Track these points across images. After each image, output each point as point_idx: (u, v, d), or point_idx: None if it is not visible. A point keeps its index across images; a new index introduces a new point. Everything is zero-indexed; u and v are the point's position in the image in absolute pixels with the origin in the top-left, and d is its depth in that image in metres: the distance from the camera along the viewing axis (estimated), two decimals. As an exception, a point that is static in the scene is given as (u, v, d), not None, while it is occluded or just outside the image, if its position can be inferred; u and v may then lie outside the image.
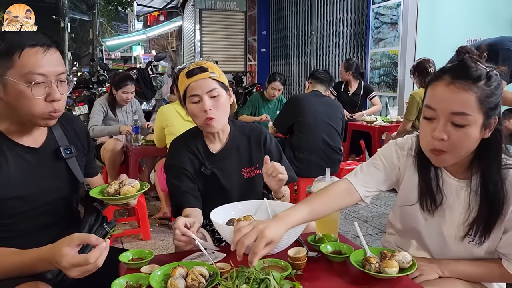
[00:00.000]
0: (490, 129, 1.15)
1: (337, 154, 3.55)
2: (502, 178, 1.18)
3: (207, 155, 1.65)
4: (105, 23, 24.85)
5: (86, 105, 6.24)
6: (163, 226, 3.46)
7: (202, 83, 1.56)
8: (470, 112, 1.09)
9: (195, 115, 1.59)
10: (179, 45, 15.14)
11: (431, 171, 1.27)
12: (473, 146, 1.15)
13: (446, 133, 1.11)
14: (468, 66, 1.11)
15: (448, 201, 1.27)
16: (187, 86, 1.57)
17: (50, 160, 1.33)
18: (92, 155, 1.54)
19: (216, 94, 1.57)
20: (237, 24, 11.19)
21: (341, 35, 7.52)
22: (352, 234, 3.10)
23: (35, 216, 1.29)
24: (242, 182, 1.68)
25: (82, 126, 1.49)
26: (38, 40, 1.18)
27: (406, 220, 1.39)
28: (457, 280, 1.29)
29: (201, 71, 1.56)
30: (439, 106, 1.12)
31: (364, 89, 5.28)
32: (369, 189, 1.35)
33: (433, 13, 5.63)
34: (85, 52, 27.62)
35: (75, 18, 25.08)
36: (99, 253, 1.01)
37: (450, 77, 1.11)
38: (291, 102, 3.64)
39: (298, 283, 1.09)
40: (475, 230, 1.23)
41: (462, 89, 1.09)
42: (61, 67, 1.23)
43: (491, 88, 1.10)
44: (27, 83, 1.16)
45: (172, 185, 1.63)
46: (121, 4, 20.60)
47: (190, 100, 1.58)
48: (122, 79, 4.02)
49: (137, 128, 3.67)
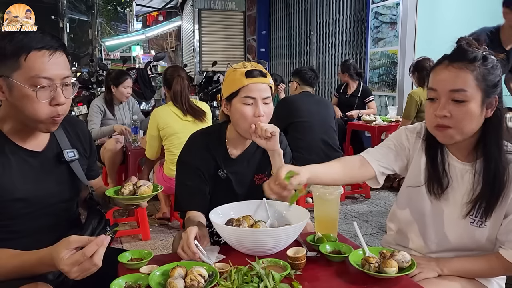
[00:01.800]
0: (491, 108, 1.22)
1: (336, 152, 3.54)
2: (506, 162, 1.24)
3: (225, 159, 1.62)
4: (104, 23, 24.81)
5: (85, 105, 6.23)
6: (162, 226, 3.46)
7: (261, 87, 1.52)
8: (468, 89, 1.18)
9: (245, 117, 1.51)
10: (178, 45, 15.13)
11: (438, 154, 1.34)
12: (476, 123, 1.22)
13: (448, 110, 1.21)
14: (464, 50, 1.23)
15: (454, 184, 1.33)
16: (245, 86, 1.51)
17: (53, 163, 1.33)
18: (94, 158, 1.53)
19: (269, 101, 1.55)
20: (236, 24, 11.19)
21: (340, 35, 7.52)
22: (351, 234, 3.10)
23: (37, 218, 1.29)
24: (253, 188, 1.65)
25: (84, 129, 1.49)
26: (45, 43, 1.17)
27: (412, 204, 1.43)
28: (456, 278, 1.30)
29: (261, 75, 1.53)
30: (440, 86, 1.22)
31: (362, 92, 5.24)
32: (382, 164, 1.39)
33: (432, 12, 5.63)
34: (84, 52, 27.61)
35: (74, 19, 25.05)
36: (95, 247, 0.99)
37: (448, 61, 1.23)
38: (283, 104, 3.61)
39: (297, 283, 1.09)
40: (477, 209, 1.28)
41: (459, 68, 1.20)
42: (67, 70, 1.22)
43: (487, 67, 1.20)
44: (32, 86, 1.15)
45: (181, 182, 1.60)
46: (120, 4, 20.57)
47: (243, 100, 1.51)
48: (119, 75, 4.00)
49: (136, 128, 3.66)
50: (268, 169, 1.67)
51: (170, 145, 3.07)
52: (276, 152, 1.53)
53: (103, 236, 1.02)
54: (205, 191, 1.59)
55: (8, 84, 1.16)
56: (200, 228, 1.31)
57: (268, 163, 1.66)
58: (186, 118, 3.08)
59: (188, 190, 1.57)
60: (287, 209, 1.46)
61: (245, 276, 1.07)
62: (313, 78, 3.65)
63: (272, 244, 1.26)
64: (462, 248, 1.35)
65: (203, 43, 11.24)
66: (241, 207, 1.48)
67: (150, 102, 6.66)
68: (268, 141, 1.49)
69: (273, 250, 1.28)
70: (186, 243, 1.22)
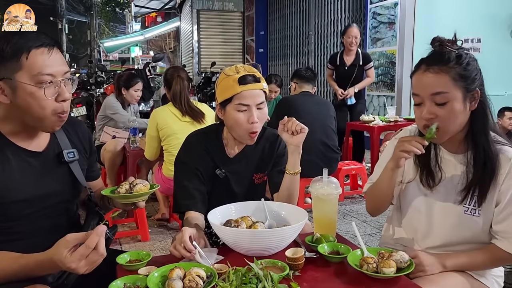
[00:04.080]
0: (475, 101, 1.29)
1: (335, 153, 3.55)
2: (495, 151, 1.30)
3: (223, 158, 1.62)
4: (103, 24, 24.76)
5: (84, 107, 6.24)
6: (161, 227, 3.45)
7: (254, 93, 1.51)
8: (447, 90, 1.25)
9: (239, 124, 1.52)
10: (177, 46, 15.13)
11: (431, 148, 1.39)
12: (461, 119, 1.29)
13: (432, 112, 1.27)
14: (437, 53, 1.29)
15: (447, 175, 1.38)
16: (238, 93, 1.50)
17: (53, 164, 1.33)
18: (94, 158, 1.53)
19: (263, 107, 1.55)
20: (234, 25, 11.20)
21: (339, 35, 7.52)
22: (351, 234, 3.10)
23: (38, 219, 1.29)
24: (252, 187, 1.66)
25: (84, 130, 1.49)
26: (42, 41, 1.18)
27: (407, 200, 1.48)
28: (454, 275, 1.32)
29: (254, 80, 1.51)
30: (421, 91, 1.29)
31: (363, 58, 4.85)
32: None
33: (430, 12, 5.65)
34: (83, 53, 27.57)
35: (73, 20, 24.99)
36: (96, 237, 1.00)
37: (425, 65, 1.29)
38: (282, 104, 3.62)
39: (296, 284, 1.09)
40: (470, 197, 1.34)
41: (435, 72, 1.26)
42: (66, 66, 1.23)
43: (462, 65, 1.26)
44: (37, 84, 1.16)
45: (179, 183, 1.59)
46: (118, 5, 20.55)
47: (237, 107, 1.51)
48: (131, 78, 4.06)
49: (134, 130, 3.67)
50: (266, 168, 1.67)
51: (169, 146, 3.08)
52: (297, 150, 1.55)
53: (100, 226, 1.03)
54: (203, 192, 1.58)
55: (11, 86, 1.16)
56: (197, 230, 1.31)
57: (267, 163, 1.66)
58: (184, 118, 3.08)
59: (187, 191, 1.56)
60: (285, 210, 1.46)
61: (244, 277, 1.07)
62: (310, 75, 3.65)
63: (270, 245, 1.26)
64: (461, 241, 1.38)
65: (202, 43, 11.24)
66: (240, 207, 1.48)
67: (149, 103, 6.66)
68: (295, 136, 1.51)
69: (271, 251, 1.28)
70: (179, 241, 1.22)
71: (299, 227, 1.29)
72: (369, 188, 1.55)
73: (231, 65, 1.62)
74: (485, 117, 1.31)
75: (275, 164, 1.68)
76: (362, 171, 4.06)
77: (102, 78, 7.02)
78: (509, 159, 1.29)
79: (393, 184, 1.44)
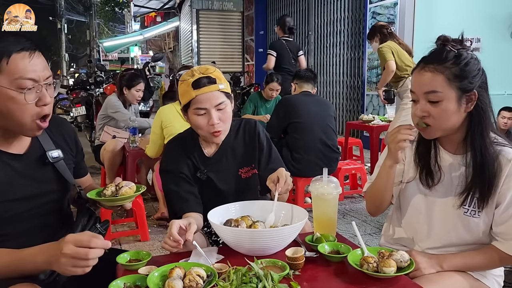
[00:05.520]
0: (471, 102, 1.27)
1: (335, 153, 3.55)
2: (495, 153, 1.29)
3: (202, 159, 1.61)
4: (102, 24, 24.75)
5: (83, 106, 6.23)
6: (161, 227, 3.45)
7: (211, 96, 1.48)
8: (440, 89, 1.25)
9: (200, 127, 1.52)
10: (176, 45, 15.13)
11: (431, 148, 1.40)
12: (454, 119, 1.28)
13: (425, 110, 1.28)
14: (436, 52, 1.30)
15: (446, 176, 1.38)
16: (193, 98, 1.48)
17: (37, 165, 1.33)
18: (81, 156, 1.53)
19: (224, 106, 1.51)
20: (234, 24, 11.19)
21: (338, 35, 7.53)
22: (351, 234, 3.10)
23: (26, 220, 1.29)
24: (240, 182, 1.65)
25: (69, 129, 1.48)
26: (23, 45, 1.17)
27: (407, 200, 1.47)
28: (454, 275, 1.32)
29: (209, 82, 1.47)
30: (416, 88, 1.31)
31: None
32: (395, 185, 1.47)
33: (430, 12, 5.64)
34: (82, 53, 27.55)
35: (72, 19, 24.96)
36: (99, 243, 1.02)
37: (423, 63, 1.30)
38: (283, 104, 3.62)
39: (296, 283, 1.09)
40: (470, 199, 1.32)
41: (429, 71, 1.27)
42: (48, 70, 1.22)
43: (460, 65, 1.25)
44: (18, 89, 1.15)
45: (169, 190, 1.58)
46: (118, 5, 20.52)
47: (195, 112, 1.50)
48: (133, 78, 4.05)
49: (134, 130, 3.66)
50: (253, 161, 1.66)
51: (171, 144, 3.08)
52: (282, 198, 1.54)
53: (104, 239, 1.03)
54: (195, 193, 1.58)
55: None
56: (186, 219, 1.32)
57: (252, 155, 1.65)
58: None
59: (178, 196, 1.55)
60: (285, 210, 1.46)
61: (244, 277, 1.07)
62: (310, 75, 3.66)
63: (270, 244, 1.26)
64: (461, 242, 1.37)
65: (201, 43, 11.24)
66: (240, 207, 1.48)
67: (148, 102, 6.65)
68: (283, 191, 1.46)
69: (271, 250, 1.28)
70: (169, 235, 1.24)
71: (299, 226, 1.29)
72: (369, 188, 1.55)
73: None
74: (482, 120, 1.29)
75: (267, 162, 1.66)
76: (361, 171, 4.07)
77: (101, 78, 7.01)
78: (509, 160, 1.28)
79: (391, 182, 1.44)
